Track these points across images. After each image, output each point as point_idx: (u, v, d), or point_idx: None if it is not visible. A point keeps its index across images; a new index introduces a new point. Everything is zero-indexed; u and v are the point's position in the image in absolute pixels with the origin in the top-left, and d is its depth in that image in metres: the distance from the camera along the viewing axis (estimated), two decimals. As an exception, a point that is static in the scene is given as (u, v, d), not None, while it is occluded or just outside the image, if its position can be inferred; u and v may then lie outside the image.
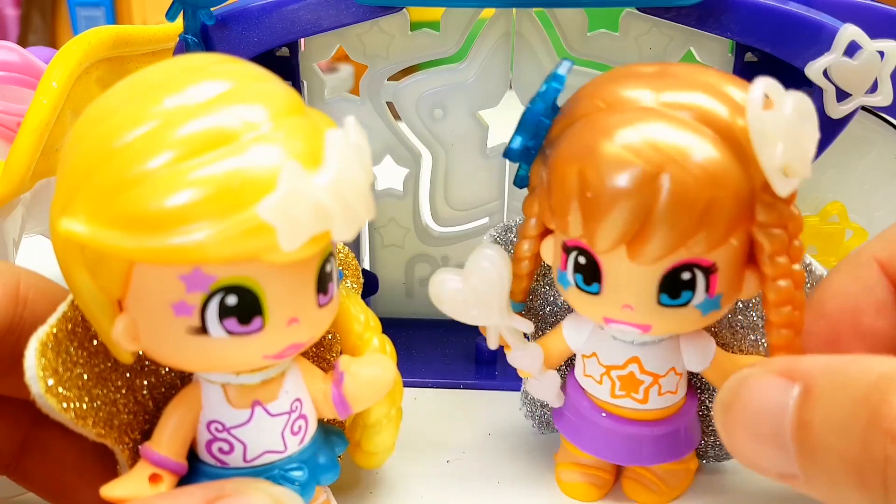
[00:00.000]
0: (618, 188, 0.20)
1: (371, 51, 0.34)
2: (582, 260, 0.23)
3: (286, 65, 0.36)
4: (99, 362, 0.21)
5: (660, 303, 0.22)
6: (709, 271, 0.21)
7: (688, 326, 0.23)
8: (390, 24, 0.34)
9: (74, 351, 0.21)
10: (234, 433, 0.22)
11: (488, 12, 0.34)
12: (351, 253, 0.28)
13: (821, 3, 0.29)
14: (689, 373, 0.26)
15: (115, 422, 0.22)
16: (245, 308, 0.19)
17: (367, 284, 0.36)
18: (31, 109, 0.28)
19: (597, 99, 0.22)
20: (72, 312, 0.20)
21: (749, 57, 0.34)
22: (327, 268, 0.20)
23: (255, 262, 0.18)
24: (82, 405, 0.20)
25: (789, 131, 0.18)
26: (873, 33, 0.28)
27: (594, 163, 0.20)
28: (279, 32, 0.31)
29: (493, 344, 0.25)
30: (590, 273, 0.23)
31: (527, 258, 0.25)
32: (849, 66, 0.28)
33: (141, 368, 0.23)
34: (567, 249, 0.23)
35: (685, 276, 0.21)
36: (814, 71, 0.28)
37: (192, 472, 0.22)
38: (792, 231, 0.21)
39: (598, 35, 0.34)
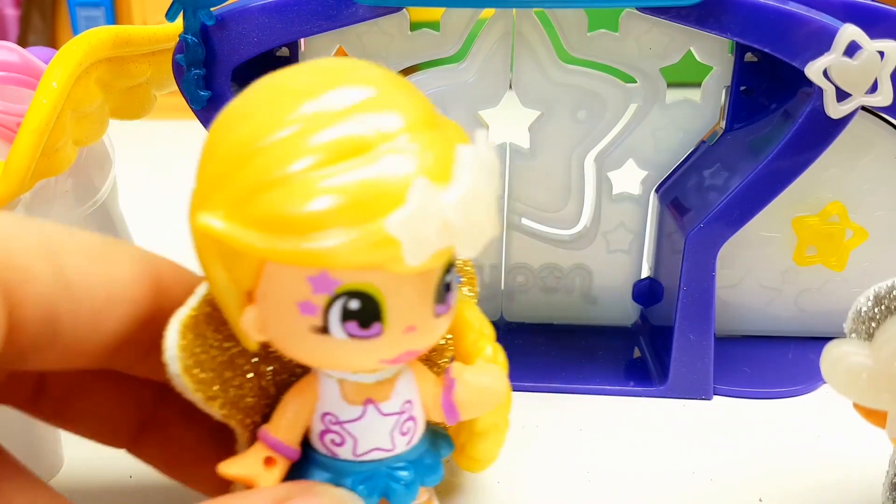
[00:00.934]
0: None
1: (371, 51, 0.34)
2: None
3: (286, 65, 0.36)
4: (230, 346, 0.23)
5: None
6: None
7: None
8: (390, 25, 0.34)
9: (210, 334, 0.22)
10: (346, 427, 0.22)
11: (488, 12, 0.34)
12: (469, 261, 0.28)
13: (821, 2, 0.30)
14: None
15: (241, 404, 0.23)
16: (366, 313, 0.19)
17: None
18: (31, 109, 0.28)
19: None
20: (209, 296, 0.22)
21: (749, 57, 0.35)
22: (447, 279, 0.21)
23: (378, 270, 0.19)
24: (214, 386, 0.22)
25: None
26: (873, 33, 0.28)
27: None
28: (279, 32, 0.31)
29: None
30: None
31: None
32: (849, 66, 0.29)
33: (266, 355, 0.24)
34: None
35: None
36: (814, 71, 0.29)
37: (304, 460, 0.23)
38: None
39: (598, 35, 0.34)
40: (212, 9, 0.30)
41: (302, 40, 0.35)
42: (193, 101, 0.31)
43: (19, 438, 0.26)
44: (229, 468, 0.22)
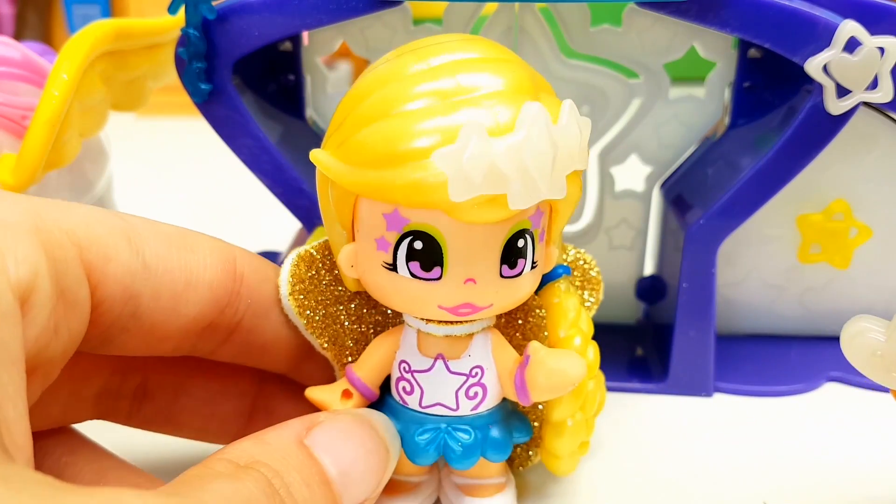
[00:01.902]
0: None
1: (374, 45, 0.35)
2: None
3: (288, 59, 0.37)
4: (342, 290, 0.26)
5: None
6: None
7: None
8: (393, 19, 0.35)
9: (324, 272, 0.26)
10: (416, 376, 0.24)
11: (491, 8, 0.35)
12: (596, 266, 0.28)
13: (822, -2, 0.30)
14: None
15: (339, 342, 0.26)
16: (428, 254, 0.21)
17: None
18: (42, 101, 0.29)
19: None
20: (328, 243, 0.25)
21: (753, 53, 0.35)
22: (519, 243, 0.22)
23: (442, 214, 0.21)
24: (315, 316, 0.26)
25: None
26: (874, 30, 0.29)
27: None
28: (280, 26, 0.32)
29: None
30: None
31: None
32: (849, 62, 0.29)
33: (373, 306, 0.27)
34: None
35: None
36: (813, 67, 0.29)
37: (380, 402, 0.26)
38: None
39: (600, 30, 0.35)
40: (213, 2, 0.31)
41: (305, 35, 0.36)
42: (195, 94, 0.32)
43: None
44: (312, 393, 0.25)
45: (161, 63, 0.38)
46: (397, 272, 0.22)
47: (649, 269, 0.40)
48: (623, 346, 0.39)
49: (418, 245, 0.21)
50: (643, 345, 0.39)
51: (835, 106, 0.30)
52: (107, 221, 0.21)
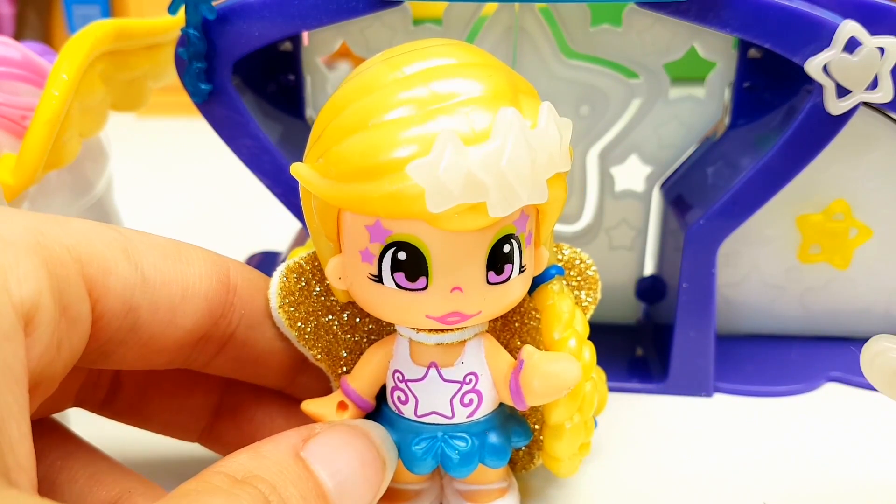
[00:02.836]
0: None
1: (374, 45, 0.35)
2: None
3: (289, 59, 0.37)
4: (333, 301, 0.26)
5: None
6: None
7: None
8: (393, 19, 0.35)
9: (314, 283, 0.26)
10: (410, 385, 0.24)
11: (491, 8, 0.35)
12: (593, 265, 0.28)
13: (822, -1, 0.30)
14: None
15: (332, 353, 0.26)
16: (412, 265, 0.21)
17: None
18: (42, 101, 0.29)
19: None
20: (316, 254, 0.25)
21: (753, 53, 0.35)
22: (505, 248, 0.22)
23: (424, 224, 0.21)
24: (307, 328, 0.26)
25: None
26: (875, 30, 0.29)
27: None
28: (280, 26, 0.32)
29: None
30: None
31: None
32: (849, 62, 0.29)
33: (366, 315, 0.27)
34: None
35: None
36: (813, 67, 0.30)
37: (377, 412, 0.26)
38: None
39: (600, 30, 0.35)
40: (213, 2, 0.31)
41: (305, 35, 0.36)
42: (195, 94, 0.32)
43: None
44: (308, 406, 0.25)
45: (161, 63, 0.38)
46: (383, 283, 0.22)
47: (649, 269, 0.41)
48: (623, 346, 0.40)
49: (402, 256, 0.21)
50: (643, 345, 0.39)
51: (835, 106, 0.30)
52: (104, 235, 0.21)
